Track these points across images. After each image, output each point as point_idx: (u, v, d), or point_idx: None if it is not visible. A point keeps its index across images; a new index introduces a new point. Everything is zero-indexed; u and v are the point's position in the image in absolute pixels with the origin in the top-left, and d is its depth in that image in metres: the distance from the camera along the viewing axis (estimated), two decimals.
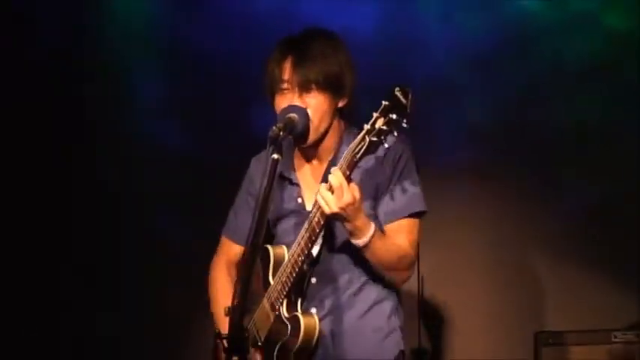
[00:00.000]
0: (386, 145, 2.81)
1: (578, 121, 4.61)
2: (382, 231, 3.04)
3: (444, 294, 4.63)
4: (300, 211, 3.17)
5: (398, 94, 2.78)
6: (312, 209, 2.97)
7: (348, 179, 2.86)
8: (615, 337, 4.31)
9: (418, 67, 4.65)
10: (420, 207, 3.10)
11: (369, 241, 2.96)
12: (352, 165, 2.85)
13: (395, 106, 2.78)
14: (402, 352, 3.17)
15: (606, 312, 4.52)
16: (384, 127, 2.78)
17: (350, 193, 2.85)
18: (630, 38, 4.58)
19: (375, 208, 3.08)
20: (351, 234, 2.95)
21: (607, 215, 4.59)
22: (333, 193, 2.86)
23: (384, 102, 2.79)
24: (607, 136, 4.62)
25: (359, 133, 2.89)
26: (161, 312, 4.76)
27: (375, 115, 2.80)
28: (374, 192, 3.08)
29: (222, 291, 3.25)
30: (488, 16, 4.68)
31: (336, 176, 2.85)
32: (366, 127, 2.81)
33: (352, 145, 2.85)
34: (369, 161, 2.99)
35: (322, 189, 2.88)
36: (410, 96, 2.77)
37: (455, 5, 4.72)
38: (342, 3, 4.66)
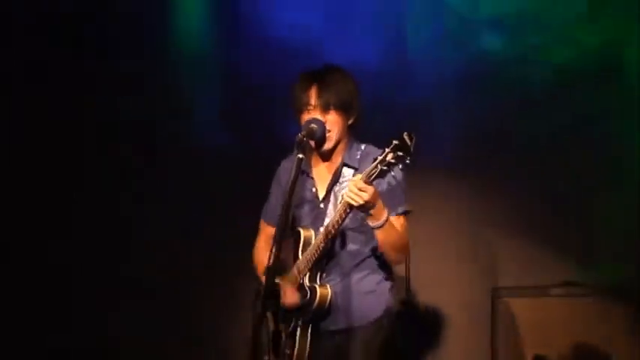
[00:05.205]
0: (392, 174, 3.17)
1: (530, 135, 4.99)
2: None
3: (420, 261, 4.93)
4: (314, 199, 3.57)
5: (405, 137, 3.07)
6: (337, 208, 3.36)
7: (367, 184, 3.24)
8: (552, 291, 4.80)
9: (406, 89, 5.07)
10: (404, 208, 3.55)
11: (384, 223, 3.33)
12: (367, 184, 3.26)
13: (402, 146, 3.07)
14: (388, 307, 3.60)
15: (547, 271, 4.92)
16: (393, 161, 3.09)
17: (370, 189, 3.24)
18: (575, 69, 4.96)
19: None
20: (372, 218, 3.31)
21: (550, 198, 4.99)
22: (357, 194, 3.22)
23: (394, 141, 3.09)
24: (550, 147, 5.01)
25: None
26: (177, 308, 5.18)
27: (387, 150, 3.09)
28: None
29: (264, 258, 3.49)
30: (460, 51, 5.07)
31: (358, 182, 3.23)
32: (379, 158, 3.12)
33: (367, 169, 3.16)
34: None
35: (351, 185, 3.20)
36: (414, 140, 3.06)
37: (433, 44, 5.09)
38: (352, 44, 5.02)
